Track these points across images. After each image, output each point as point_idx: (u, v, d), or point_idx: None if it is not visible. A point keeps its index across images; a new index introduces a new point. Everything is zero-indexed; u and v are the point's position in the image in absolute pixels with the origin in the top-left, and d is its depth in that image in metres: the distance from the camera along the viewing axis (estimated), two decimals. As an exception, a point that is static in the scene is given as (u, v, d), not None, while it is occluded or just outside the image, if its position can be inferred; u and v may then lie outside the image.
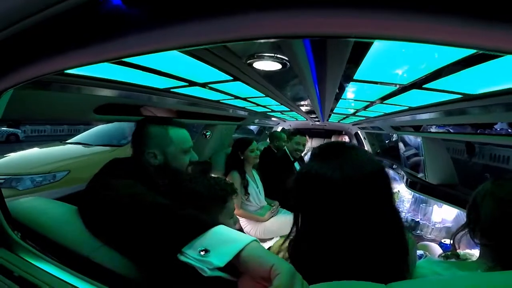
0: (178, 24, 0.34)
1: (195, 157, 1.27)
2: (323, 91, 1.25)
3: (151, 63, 0.97)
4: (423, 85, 1.08)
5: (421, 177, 2.45)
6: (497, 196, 0.79)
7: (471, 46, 0.31)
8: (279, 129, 5.05)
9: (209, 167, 2.63)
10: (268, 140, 3.38)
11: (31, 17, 0.38)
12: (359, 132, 4.89)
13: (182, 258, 0.51)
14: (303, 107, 2.58)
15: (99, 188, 0.82)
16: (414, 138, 2.57)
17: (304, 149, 3.13)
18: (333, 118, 3.69)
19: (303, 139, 3.10)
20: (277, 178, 2.74)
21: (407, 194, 3.06)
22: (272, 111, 2.96)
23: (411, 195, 2.96)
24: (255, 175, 2.66)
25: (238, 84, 1.34)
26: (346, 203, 0.57)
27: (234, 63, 0.93)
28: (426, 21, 0.28)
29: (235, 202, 2.34)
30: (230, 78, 1.18)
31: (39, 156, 3.67)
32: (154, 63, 0.98)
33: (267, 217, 2.43)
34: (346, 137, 5.46)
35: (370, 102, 1.76)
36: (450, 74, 0.88)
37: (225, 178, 1.16)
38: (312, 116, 3.65)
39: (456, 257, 0.95)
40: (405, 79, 1.06)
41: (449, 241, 1.72)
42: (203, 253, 0.50)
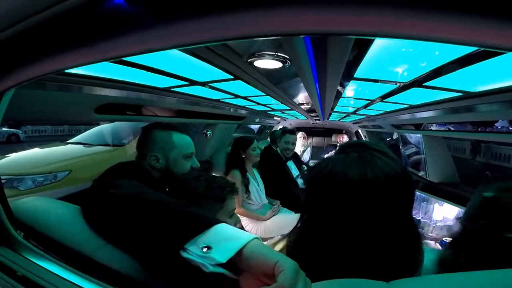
0: (179, 22, 0.34)
1: (196, 163, 1.29)
2: (324, 89, 1.25)
3: (152, 62, 0.97)
4: (424, 83, 1.08)
5: (422, 175, 2.45)
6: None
7: (474, 44, 0.31)
8: (279, 128, 5.04)
9: (210, 167, 2.63)
10: (269, 139, 3.38)
11: (32, 17, 0.39)
12: (359, 131, 4.88)
13: (185, 255, 0.51)
14: (303, 106, 2.58)
15: (103, 187, 0.82)
16: (415, 136, 2.57)
17: (294, 147, 3.05)
18: (334, 117, 3.69)
19: (292, 137, 3.01)
20: (271, 178, 2.75)
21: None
22: (273, 110, 2.95)
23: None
24: (256, 173, 2.66)
25: (239, 83, 1.34)
26: (365, 206, 0.55)
27: (235, 61, 0.93)
28: (428, 18, 0.28)
29: (236, 200, 2.36)
30: (230, 77, 1.19)
31: (40, 156, 3.68)
32: (155, 62, 0.98)
33: (268, 216, 2.43)
34: (345, 136, 5.45)
35: (371, 100, 1.76)
36: (450, 72, 0.88)
37: (225, 177, 1.15)
38: (312, 115, 3.65)
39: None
40: (405, 77, 1.07)
41: (450, 239, 1.73)
42: (205, 249, 0.50)
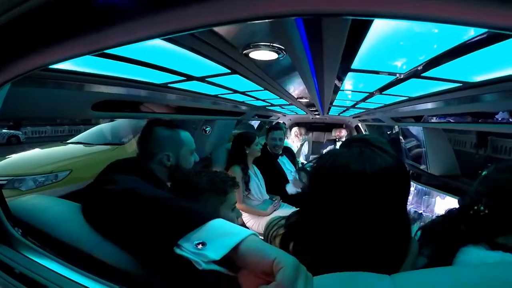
0: (166, 8, 0.33)
1: (197, 157, 1.39)
2: (321, 81, 1.24)
3: (149, 57, 0.97)
4: (422, 74, 1.07)
5: (423, 168, 2.44)
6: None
7: (481, 25, 0.30)
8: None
9: (210, 163, 2.63)
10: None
11: (10, 11, 0.38)
12: (359, 125, 4.86)
13: (178, 251, 0.49)
14: (302, 100, 2.56)
15: (100, 184, 0.81)
16: (415, 129, 2.55)
17: (282, 143, 2.99)
18: (333, 111, 3.67)
19: (278, 133, 2.95)
20: (264, 174, 2.74)
21: (409, 185, 3.04)
22: (272, 105, 2.94)
23: (413, 187, 2.94)
24: (256, 169, 2.66)
25: (236, 78, 1.33)
26: (362, 198, 0.57)
27: (231, 54, 0.92)
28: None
29: (237, 196, 2.36)
30: (227, 71, 1.18)
31: (40, 156, 3.67)
32: (152, 57, 0.98)
33: (270, 211, 2.43)
34: (343, 131, 5.43)
35: (369, 93, 1.76)
36: (448, 61, 0.87)
37: (226, 172, 1.14)
38: (312, 110, 3.63)
39: None
40: (403, 68, 1.06)
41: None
42: (199, 246, 0.48)
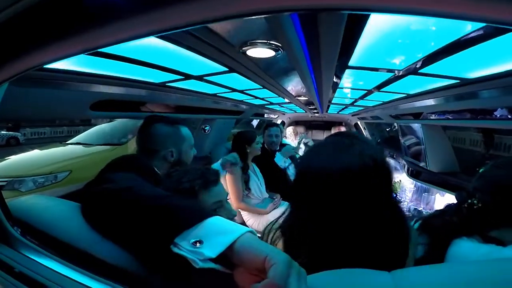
0: (160, 6, 0.33)
1: (195, 151, 1.40)
2: (320, 78, 1.24)
3: (146, 57, 0.97)
4: (419, 70, 1.07)
5: (423, 165, 2.44)
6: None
7: (478, 19, 0.30)
8: (279, 122, 5.03)
9: (209, 162, 2.62)
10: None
11: (4, 11, 0.38)
12: (358, 123, 4.87)
13: (175, 250, 0.49)
14: (301, 98, 2.56)
15: (99, 182, 0.81)
16: (415, 126, 2.55)
17: (278, 139, 3.00)
18: (332, 109, 3.67)
19: (273, 130, 2.96)
20: (262, 171, 2.74)
21: (408, 183, 3.05)
22: (271, 103, 2.94)
23: (413, 184, 2.95)
24: (256, 168, 2.66)
25: (234, 76, 1.33)
26: (343, 192, 0.58)
27: (228, 52, 0.92)
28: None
29: (235, 195, 2.36)
30: (225, 69, 1.18)
31: (40, 157, 3.67)
32: (149, 57, 0.97)
33: (269, 209, 2.43)
34: (343, 129, 5.43)
35: (368, 90, 1.75)
36: (445, 57, 0.88)
37: (205, 168, 1.03)
38: (311, 108, 3.63)
39: None
40: (401, 65, 1.06)
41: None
42: (196, 244, 0.48)
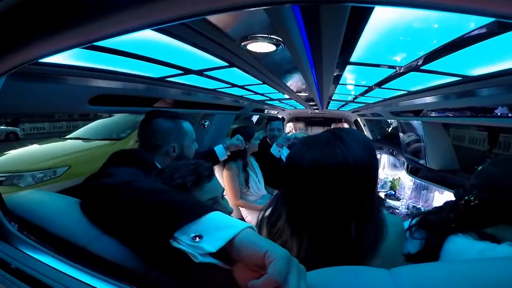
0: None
1: (196, 145, 1.43)
2: (320, 74, 1.23)
3: (145, 51, 0.96)
4: (421, 67, 1.06)
5: (422, 163, 2.43)
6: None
7: (485, 13, 0.29)
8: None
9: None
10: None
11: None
12: (358, 120, 4.86)
13: (175, 244, 0.49)
14: (301, 93, 2.55)
15: (99, 176, 0.81)
16: (415, 124, 2.54)
17: (280, 133, 3.06)
18: (332, 106, 3.66)
19: (275, 123, 3.06)
20: (262, 164, 2.75)
21: (408, 180, 3.06)
22: (271, 99, 2.93)
23: (412, 181, 2.95)
24: (255, 164, 2.65)
25: (234, 71, 1.32)
26: (323, 186, 0.60)
27: (229, 47, 0.91)
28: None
29: (233, 192, 2.35)
30: (225, 64, 1.17)
31: (39, 152, 3.67)
32: (149, 51, 0.97)
33: (268, 206, 2.43)
34: (345, 124, 5.44)
35: (369, 87, 1.75)
36: (448, 54, 0.87)
37: (198, 162, 1.00)
38: (311, 104, 3.62)
39: None
40: (402, 62, 1.05)
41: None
42: (196, 239, 0.48)
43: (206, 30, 0.75)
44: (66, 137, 4.36)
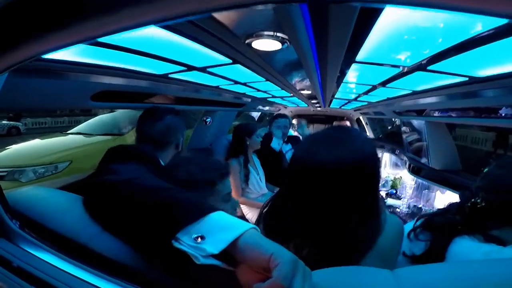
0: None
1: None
2: (325, 73, 1.21)
3: (149, 47, 0.95)
4: (427, 67, 1.05)
5: (424, 162, 2.42)
6: None
7: (494, 14, 0.28)
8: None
9: (210, 154, 2.61)
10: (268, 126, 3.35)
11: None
12: (361, 118, 4.84)
13: (177, 245, 0.48)
14: (304, 91, 2.54)
15: (102, 173, 0.80)
16: (417, 123, 2.53)
17: (287, 130, 3.06)
18: (335, 104, 3.65)
19: (282, 120, 3.02)
20: (265, 161, 2.73)
21: (409, 180, 3.05)
22: (273, 96, 2.92)
23: (414, 181, 2.94)
24: (256, 162, 2.64)
25: (238, 68, 1.31)
26: (318, 183, 0.61)
27: (233, 44, 0.90)
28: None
29: (235, 189, 2.35)
30: (229, 61, 1.16)
31: (40, 147, 3.67)
32: (152, 47, 0.96)
33: (269, 203, 2.42)
34: (347, 122, 5.41)
35: (373, 86, 1.73)
36: (455, 55, 0.86)
37: (219, 160, 1.09)
38: (313, 102, 3.61)
39: None
40: (408, 61, 1.04)
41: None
42: (198, 240, 0.47)
43: (211, 27, 0.75)
44: (67, 132, 4.36)
